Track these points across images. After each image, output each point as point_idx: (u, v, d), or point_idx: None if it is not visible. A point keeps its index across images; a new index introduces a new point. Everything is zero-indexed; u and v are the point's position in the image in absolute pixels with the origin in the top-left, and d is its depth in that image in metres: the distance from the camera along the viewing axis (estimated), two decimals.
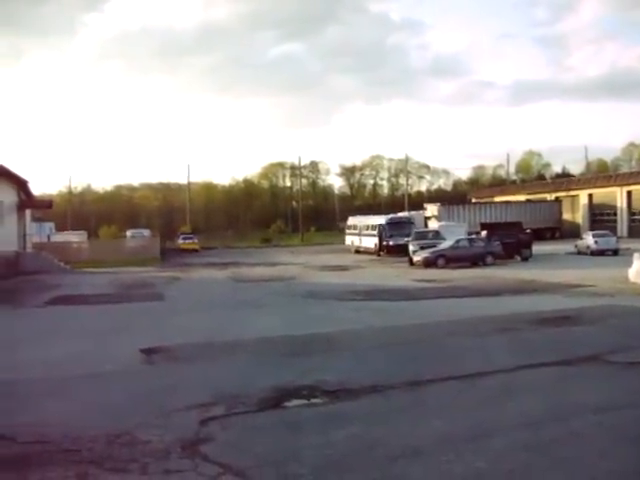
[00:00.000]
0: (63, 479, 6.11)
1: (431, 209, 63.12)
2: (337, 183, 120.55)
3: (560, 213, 67.06)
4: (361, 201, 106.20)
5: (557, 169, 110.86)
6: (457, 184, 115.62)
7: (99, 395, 9.47)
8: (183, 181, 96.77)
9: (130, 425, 7.60)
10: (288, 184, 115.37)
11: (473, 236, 42.13)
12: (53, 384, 10.29)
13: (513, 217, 56.62)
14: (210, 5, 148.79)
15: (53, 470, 6.33)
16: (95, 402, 9.02)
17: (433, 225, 53.37)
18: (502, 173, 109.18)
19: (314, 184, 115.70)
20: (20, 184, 39.69)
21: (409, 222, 52.01)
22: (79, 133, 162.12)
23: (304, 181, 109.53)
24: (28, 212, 43.94)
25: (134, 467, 6.32)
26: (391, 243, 48.92)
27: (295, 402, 8.64)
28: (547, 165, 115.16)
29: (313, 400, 8.76)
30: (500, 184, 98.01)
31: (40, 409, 8.67)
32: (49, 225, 65.50)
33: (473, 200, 79.19)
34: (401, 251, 45.90)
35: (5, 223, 35.21)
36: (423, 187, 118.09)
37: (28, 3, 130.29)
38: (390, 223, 51.55)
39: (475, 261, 36.59)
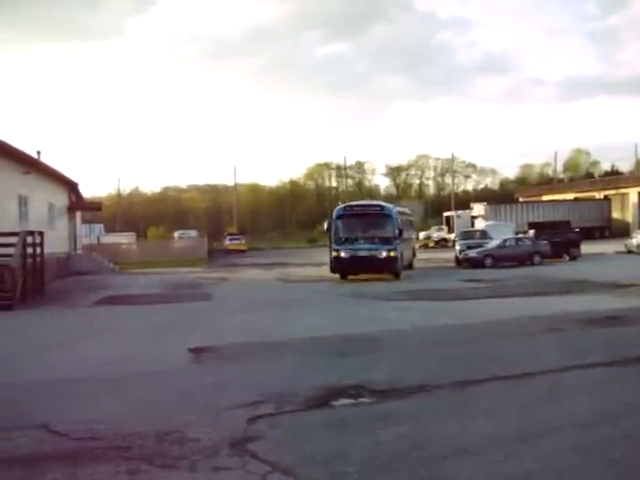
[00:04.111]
0: (115, 475, 6.20)
1: (478, 209, 62.92)
2: (383, 183, 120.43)
3: (609, 212, 66.18)
4: (407, 201, 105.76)
5: (606, 167, 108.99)
6: (504, 183, 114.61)
7: (149, 393, 9.60)
8: (230, 183, 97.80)
9: (179, 423, 7.68)
10: (334, 184, 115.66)
11: (520, 235, 41.78)
12: (104, 382, 10.45)
13: (561, 216, 56.08)
14: (256, 7, 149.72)
15: (105, 466, 6.43)
16: (145, 400, 9.14)
17: (480, 225, 52.95)
18: (550, 172, 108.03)
19: (360, 184, 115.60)
20: (70, 187, 40.43)
21: (381, 213, 31.28)
22: (127, 135, 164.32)
23: (350, 181, 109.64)
24: (78, 214, 44.73)
25: (184, 464, 6.37)
26: (343, 255, 29.76)
27: (342, 401, 8.63)
28: (596, 163, 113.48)
29: (360, 399, 8.74)
30: (548, 183, 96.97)
31: (92, 406, 8.82)
32: (99, 227, 66.85)
33: (520, 199, 78.50)
34: (359, 268, 30.14)
35: (56, 225, 35.87)
36: (470, 186, 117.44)
37: (75, 7, 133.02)
38: (343, 216, 31.26)
39: (523, 261, 36.30)
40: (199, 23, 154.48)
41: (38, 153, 34.93)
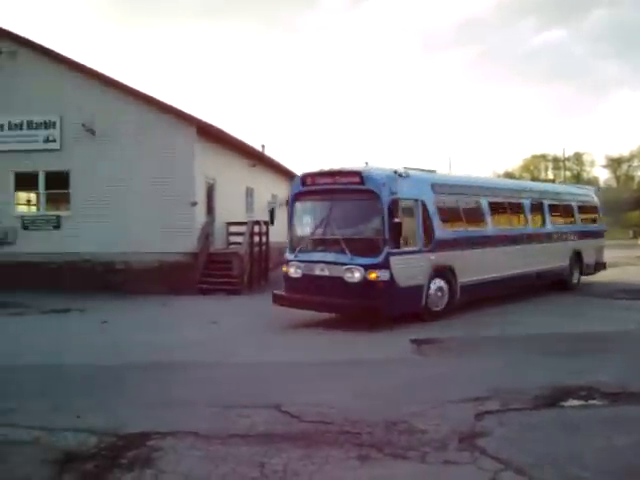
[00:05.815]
0: (346, 460, 6.39)
1: None
2: (602, 175, 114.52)
3: None
4: (628, 194, 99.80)
5: None
6: None
7: (374, 381, 9.80)
8: None
9: (406, 413, 7.80)
10: (550, 177, 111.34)
11: None
12: (331, 367, 10.84)
13: None
14: None
15: (336, 450, 6.65)
16: (370, 388, 9.35)
17: None
18: None
19: (578, 176, 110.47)
20: (291, 178, 41.88)
21: (359, 190, 14.88)
22: (340, 128, 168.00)
23: (567, 173, 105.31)
24: None
25: (413, 455, 6.46)
26: (292, 272, 15.90)
27: (572, 402, 8.40)
28: None
29: (591, 401, 8.45)
30: None
31: (321, 391, 9.16)
32: None
33: None
34: (315, 297, 15.12)
35: (278, 215, 37.33)
36: None
37: (294, 5, 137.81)
38: (299, 196, 16.32)
39: None
40: (411, 16, 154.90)
41: (262, 147, 36.62)
